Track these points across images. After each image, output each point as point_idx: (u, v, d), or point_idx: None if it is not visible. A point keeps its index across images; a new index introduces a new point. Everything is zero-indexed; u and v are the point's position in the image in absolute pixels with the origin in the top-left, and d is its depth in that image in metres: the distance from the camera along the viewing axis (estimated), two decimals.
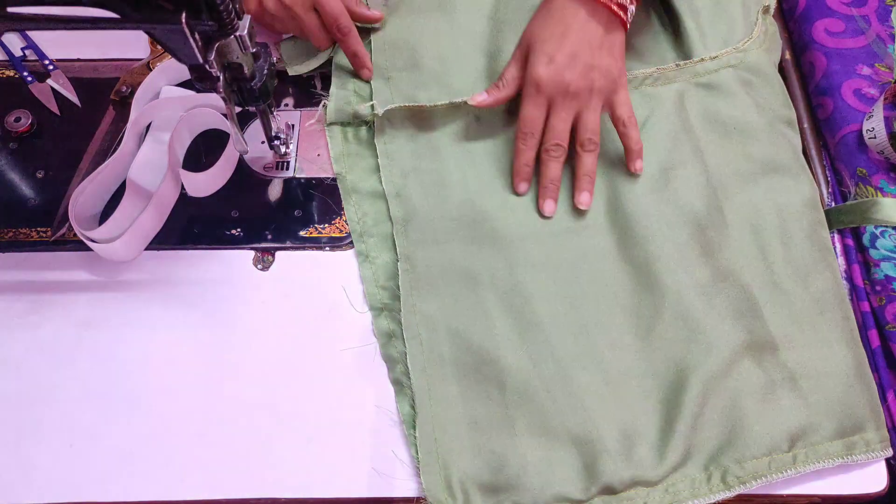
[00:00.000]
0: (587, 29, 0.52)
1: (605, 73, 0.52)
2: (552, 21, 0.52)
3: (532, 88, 0.52)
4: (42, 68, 0.62)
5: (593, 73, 0.52)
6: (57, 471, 0.48)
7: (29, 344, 0.52)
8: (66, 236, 0.55)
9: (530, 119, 0.53)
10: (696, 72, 0.59)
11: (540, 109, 0.53)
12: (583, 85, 0.52)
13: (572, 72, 0.51)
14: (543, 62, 0.51)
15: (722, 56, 0.59)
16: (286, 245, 0.56)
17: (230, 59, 0.44)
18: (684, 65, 0.59)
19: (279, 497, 0.48)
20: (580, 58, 0.51)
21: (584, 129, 0.53)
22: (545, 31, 0.52)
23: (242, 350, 0.52)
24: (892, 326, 0.51)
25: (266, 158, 0.59)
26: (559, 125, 0.52)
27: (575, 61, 0.51)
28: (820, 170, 0.60)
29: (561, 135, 0.53)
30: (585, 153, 0.53)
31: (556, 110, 0.52)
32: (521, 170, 0.54)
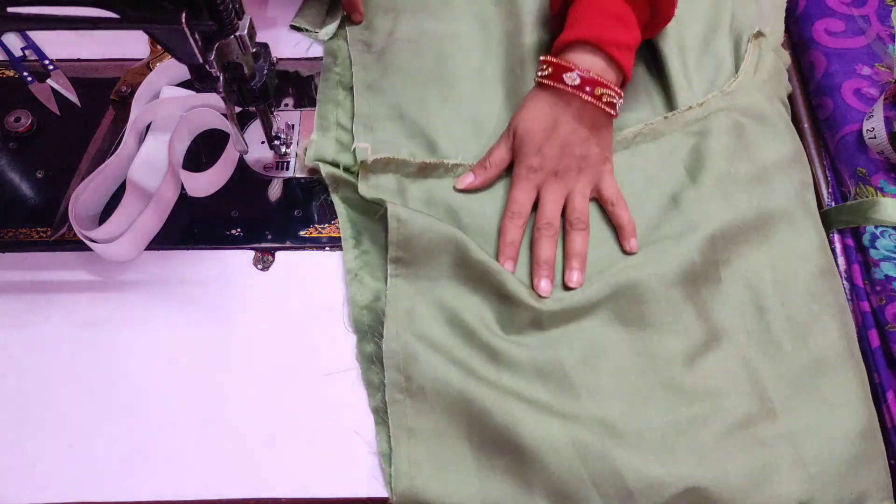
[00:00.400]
0: (575, 123, 0.52)
1: (594, 162, 0.54)
2: (541, 114, 0.53)
3: (523, 173, 0.53)
4: (42, 68, 0.62)
5: (581, 162, 0.53)
6: (57, 471, 0.48)
7: (29, 344, 0.52)
8: (66, 236, 0.55)
9: (520, 201, 0.53)
10: (685, 121, 0.57)
11: (529, 194, 0.53)
12: (572, 172, 0.53)
13: (561, 161, 0.53)
14: (533, 153, 0.53)
15: (709, 101, 0.57)
16: (286, 245, 0.56)
17: (230, 59, 0.44)
18: (672, 115, 0.57)
19: (279, 497, 0.48)
20: (569, 149, 0.53)
21: (573, 209, 0.53)
22: (534, 123, 0.53)
23: (242, 350, 0.52)
24: (892, 326, 0.51)
25: (266, 158, 0.59)
26: (550, 206, 0.53)
27: (564, 152, 0.53)
28: (820, 170, 0.60)
29: (551, 215, 0.53)
30: (575, 232, 0.53)
31: (546, 192, 0.53)
32: (506, 248, 0.52)
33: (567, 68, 0.51)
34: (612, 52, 0.51)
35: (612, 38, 0.51)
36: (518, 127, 0.54)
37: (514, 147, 0.54)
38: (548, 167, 0.53)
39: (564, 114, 0.52)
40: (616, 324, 0.51)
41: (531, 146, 0.53)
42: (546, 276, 0.51)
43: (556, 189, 0.53)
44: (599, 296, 0.51)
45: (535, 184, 0.53)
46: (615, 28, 0.51)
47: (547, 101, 0.53)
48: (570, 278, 0.52)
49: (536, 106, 0.53)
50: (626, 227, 0.53)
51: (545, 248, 0.52)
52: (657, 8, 0.53)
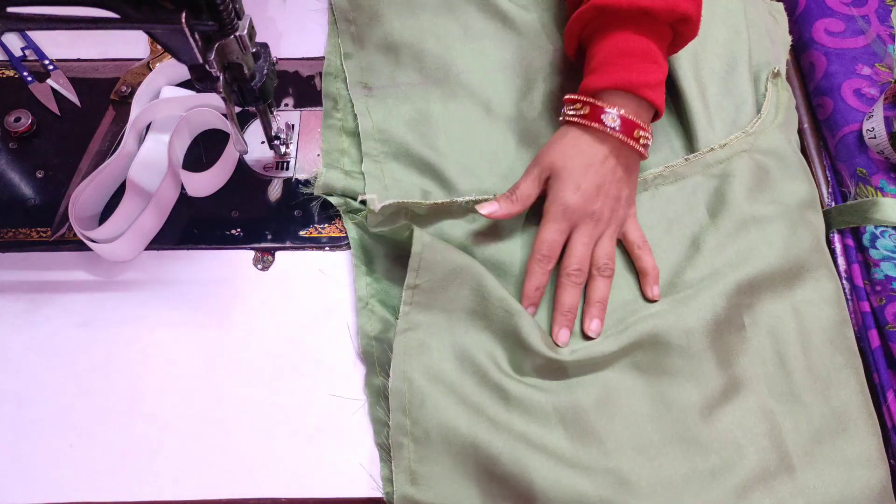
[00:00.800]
0: (609, 163, 0.51)
1: (625, 203, 0.52)
2: (574, 152, 0.51)
3: (558, 212, 0.50)
4: (42, 68, 0.62)
5: (615, 203, 0.52)
6: (57, 471, 0.48)
7: (29, 344, 0.52)
8: (66, 236, 0.55)
9: (550, 242, 0.50)
10: (706, 163, 0.56)
11: (562, 235, 0.51)
12: (606, 213, 0.51)
13: (598, 201, 0.51)
14: (571, 189, 0.50)
15: (732, 143, 0.56)
16: (286, 245, 0.56)
17: (230, 59, 0.44)
18: (693, 157, 0.56)
19: (279, 497, 0.48)
20: (605, 189, 0.51)
21: (603, 253, 0.51)
22: (568, 160, 0.51)
23: (242, 350, 0.52)
24: (892, 326, 0.51)
25: (266, 158, 0.59)
26: (581, 249, 0.51)
27: (600, 192, 0.51)
28: (820, 170, 0.60)
29: (582, 259, 0.51)
30: (601, 277, 0.51)
31: (579, 235, 0.51)
32: (532, 294, 0.51)
33: (603, 110, 0.50)
34: (646, 94, 0.49)
35: (644, 79, 0.49)
36: (554, 162, 0.51)
37: (546, 183, 0.52)
38: (585, 207, 0.50)
39: (601, 153, 0.50)
40: (633, 371, 0.50)
41: (568, 183, 0.50)
42: (567, 325, 0.50)
43: (589, 232, 0.51)
44: (617, 347, 0.49)
45: (569, 224, 0.51)
46: (644, 68, 0.50)
47: (583, 140, 0.51)
48: (589, 327, 0.50)
49: (573, 143, 0.51)
50: (650, 273, 0.52)
51: (570, 296, 0.50)
52: (683, 32, 0.51)
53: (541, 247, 0.51)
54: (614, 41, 0.50)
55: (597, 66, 0.51)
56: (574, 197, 0.50)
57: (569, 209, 0.50)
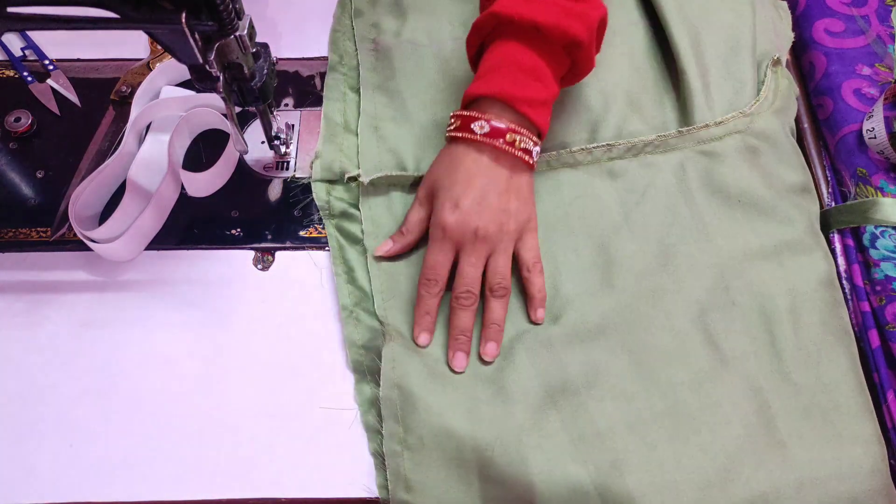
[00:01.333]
0: (492, 174, 0.49)
1: (515, 216, 0.49)
2: (454, 166, 0.49)
3: (438, 233, 0.49)
4: (42, 68, 0.62)
5: (502, 217, 0.49)
6: (57, 471, 0.48)
7: (29, 344, 0.52)
8: (66, 236, 0.55)
9: (435, 265, 0.49)
10: (699, 138, 0.56)
11: (447, 255, 0.49)
12: (492, 229, 0.48)
13: (480, 216, 0.48)
14: (448, 208, 0.48)
15: (728, 121, 0.56)
16: (286, 245, 0.56)
17: (230, 59, 0.44)
18: (687, 131, 0.56)
19: (279, 497, 0.48)
20: (488, 202, 0.48)
21: (495, 273, 0.49)
22: (448, 176, 0.49)
23: (242, 350, 0.52)
24: (892, 326, 0.51)
25: (266, 158, 0.59)
26: (469, 270, 0.49)
27: (482, 205, 0.48)
28: (820, 170, 0.60)
29: (471, 281, 0.49)
30: (495, 299, 0.49)
31: (465, 255, 0.49)
32: (422, 319, 0.49)
33: (474, 118, 0.48)
34: (524, 110, 0.47)
35: (524, 94, 0.47)
36: (434, 181, 0.50)
37: (430, 201, 0.51)
38: (466, 224, 0.48)
39: (478, 164, 0.49)
40: (621, 350, 0.50)
41: (447, 201, 0.48)
42: (461, 349, 0.49)
43: (476, 251, 0.49)
44: (601, 319, 0.50)
45: (452, 244, 0.49)
46: (527, 83, 0.48)
47: (459, 154, 0.49)
48: (485, 350, 0.49)
49: (448, 160, 0.50)
50: (536, 297, 0.50)
51: (463, 319, 0.49)
52: (577, 60, 0.49)
53: (426, 271, 0.49)
54: (503, 50, 0.48)
55: (481, 74, 0.49)
56: (452, 215, 0.48)
57: (448, 228, 0.48)
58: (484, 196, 0.48)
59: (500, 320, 0.50)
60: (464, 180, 0.49)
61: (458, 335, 0.49)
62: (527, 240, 0.51)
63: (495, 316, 0.50)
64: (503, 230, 0.49)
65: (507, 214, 0.49)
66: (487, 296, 0.50)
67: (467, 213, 0.48)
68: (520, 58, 0.48)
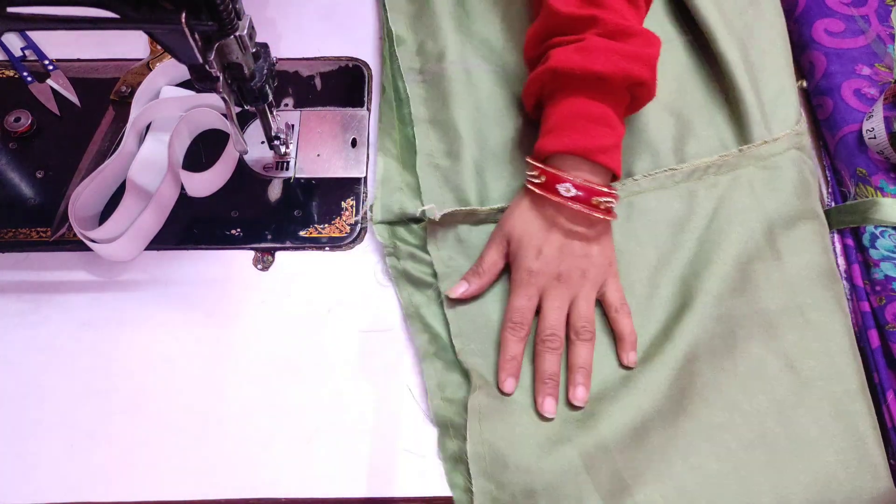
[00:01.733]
0: (572, 225, 0.50)
1: (597, 261, 0.50)
2: (532, 216, 0.51)
3: (524, 278, 0.50)
4: (42, 68, 0.62)
5: (584, 262, 0.50)
6: (57, 471, 0.48)
7: (29, 344, 0.52)
8: (66, 236, 0.55)
9: (520, 309, 0.50)
10: (759, 155, 0.56)
11: (532, 301, 0.50)
12: (575, 274, 0.50)
13: (563, 262, 0.50)
14: (532, 255, 0.50)
15: (783, 138, 0.56)
16: (286, 245, 0.56)
17: (230, 59, 0.44)
18: (747, 149, 0.56)
19: (279, 497, 0.48)
20: (569, 249, 0.50)
21: (578, 316, 0.50)
22: (528, 225, 0.50)
23: (242, 350, 0.52)
24: (892, 326, 0.51)
25: (266, 158, 0.59)
26: (553, 314, 0.49)
27: (564, 253, 0.50)
28: (820, 170, 0.60)
29: (556, 324, 0.49)
30: (581, 342, 0.49)
31: (548, 299, 0.50)
32: (508, 364, 0.49)
33: (560, 178, 0.49)
34: (599, 159, 0.48)
35: (597, 143, 0.48)
36: (513, 230, 0.51)
37: (509, 252, 0.52)
38: (550, 270, 0.50)
39: (560, 216, 0.50)
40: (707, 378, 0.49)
41: (530, 248, 0.50)
42: (550, 394, 0.48)
43: (560, 295, 0.50)
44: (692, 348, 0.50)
45: (537, 289, 0.50)
46: (598, 132, 0.49)
47: (540, 205, 0.51)
48: (575, 395, 0.48)
49: (530, 209, 0.51)
50: (626, 339, 0.50)
51: (548, 363, 0.49)
52: (639, 96, 0.51)
53: (511, 315, 0.50)
54: (568, 105, 0.49)
55: (550, 129, 0.50)
56: (536, 262, 0.50)
57: (533, 273, 0.50)
58: (567, 244, 0.50)
59: (587, 364, 0.49)
60: (544, 229, 0.50)
61: (547, 379, 0.48)
62: (610, 283, 0.51)
63: (582, 360, 0.49)
64: (585, 276, 0.50)
65: (589, 260, 0.50)
66: (573, 339, 0.50)
67: (551, 259, 0.50)
68: (586, 109, 0.49)
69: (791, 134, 0.57)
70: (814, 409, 0.48)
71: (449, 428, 0.49)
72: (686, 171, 0.56)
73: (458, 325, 0.51)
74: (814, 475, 0.46)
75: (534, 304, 0.50)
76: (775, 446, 0.47)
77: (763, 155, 0.56)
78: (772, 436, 0.48)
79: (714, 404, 0.48)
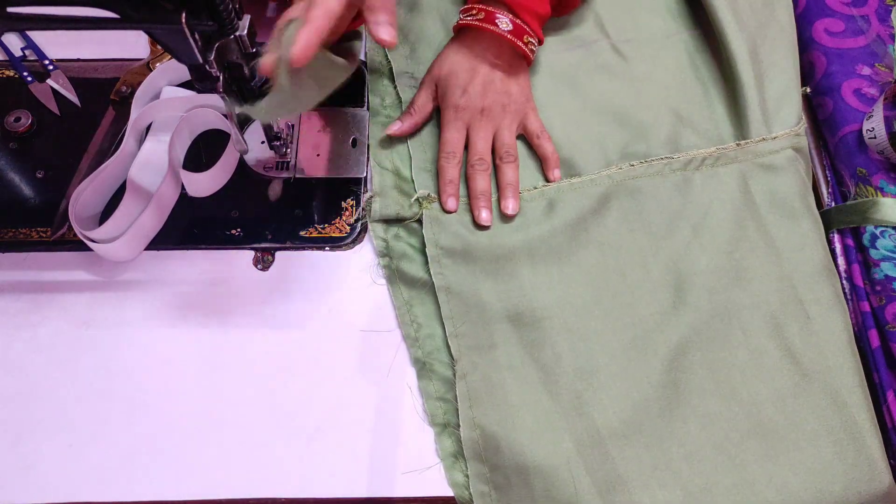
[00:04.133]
0: (495, 64, 0.55)
1: (516, 98, 0.56)
2: (459, 58, 0.56)
3: (451, 115, 0.55)
4: (42, 68, 0.62)
5: (504, 98, 0.56)
6: (57, 471, 0.48)
7: (29, 344, 0.52)
8: (66, 236, 0.55)
9: (451, 140, 0.55)
10: (757, 152, 0.57)
11: (460, 132, 0.56)
12: (497, 107, 0.56)
13: (486, 98, 0.55)
14: (458, 94, 0.55)
15: (782, 137, 0.57)
16: (286, 245, 0.56)
17: (230, 59, 0.44)
18: (745, 144, 0.57)
19: (279, 497, 0.48)
20: (492, 87, 0.55)
21: (502, 144, 0.56)
22: (455, 66, 0.56)
23: (242, 350, 0.52)
24: (892, 326, 0.51)
25: (266, 158, 0.59)
26: (479, 143, 0.55)
27: (487, 89, 0.55)
28: (820, 170, 0.60)
29: (482, 151, 0.55)
30: (505, 164, 0.55)
31: (475, 131, 0.56)
32: (447, 187, 0.55)
33: (496, 14, 0.53)
34: (526, 18, 0.54)
35: (527, 4, 0.54)
36: (441, 72, 0.56)
37: (437, 95, 0.57)
38: (474, 105, 0.55)
39: (484, 57, 0.55)
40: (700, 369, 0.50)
41: (455, 87, 0.55)
42: (485, 206, 0.54)
43: (484, 126, 0.56)
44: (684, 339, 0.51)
45: (463, 122, 0.56)
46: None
47: (467, 46, 0.56)
48: (507, 206, 0.54)
49: (458, 52, 0.56)
50: (550, 158, 0.56)
51: (480, 182, 0.55)
52: None
53: (444, 146, 0.55)
54: None
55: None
56: (462, 100, 0.55)
57: (459, 108, 0.55)
58: (488, 81, 0.55)
59: (514, 181, 0.55)
60: (469, 69, 0.56)
61: (479, 195, 0.54)
62: (529, 115, 0.57)
63: (509, 178, 0.55)
64: (507, 109, 0.56)
65: (509, 96, 0.56)
66: (499, 164, 0.56)
67: (475, 96, 0.55)
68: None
69: (790, 134, 0.57)
70: (813, 400, 0.49)
71: (445, 426, 0.49)
72: (683, 161, 0.56)
73: (450, 308, 0.52)
74: (810, 466, 0.47)
75: (463, 135, 0.56)
76: (773, 436, 0.48)
77: (761, 152, 0.57)
78: (770, 425, 0.48)
79: (710, 394, 0.49)
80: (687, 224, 0.54)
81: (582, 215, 0.54)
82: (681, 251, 0.54)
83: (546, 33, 0.61)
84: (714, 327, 0.51)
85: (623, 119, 0.58)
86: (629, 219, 0.55)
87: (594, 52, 0.61)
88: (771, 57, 0.60)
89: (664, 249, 0.54)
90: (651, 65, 0.61)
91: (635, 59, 0.61)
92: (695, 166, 0.57)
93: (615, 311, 0.52)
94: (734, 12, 0.59)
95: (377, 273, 0.55)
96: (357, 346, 0.52)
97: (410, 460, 0.49)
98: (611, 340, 0.51)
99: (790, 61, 0.60)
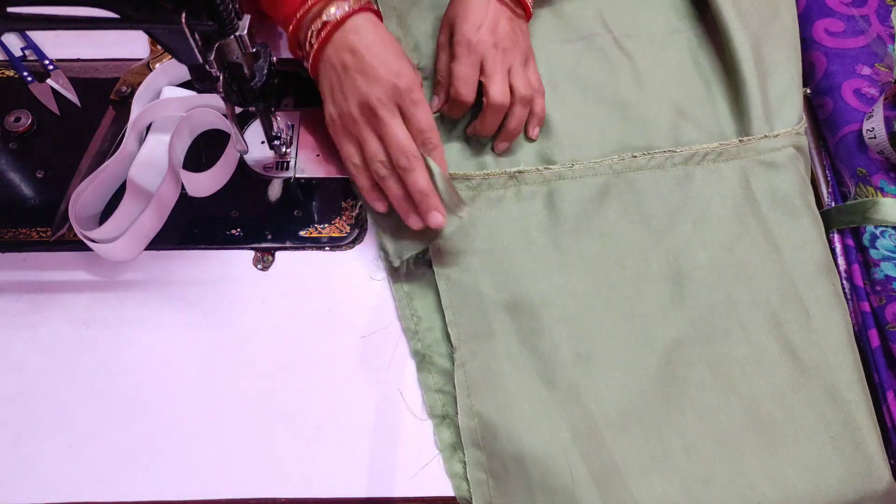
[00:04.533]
0: (500, 13, 0.55)
1: (523, 41, 0.57)
2: (468, 8, 0.55)
3: (464, 49, 0.54)
4: (42, 68, 0.62)
5: (514, 36, 0.55)
6: (57, 471, 0.48)
7: (29, 344, 0.52)
8: (66, 236, 0.55)
9: (464, 76, 0.54)
10: (758, 149, 0.57)
11: (474, 68, 0.54)
12: (508, 42, 0.55)
13: (497, 34, 0.54)
14: (472, 30, 0.54)
15: (783, 135, 0.57)
16: (286, 245, 0.56)
17: (230, 59, 0.44)
18: (747, 141, 0.57)
19: (279, 497, 0.48)
20: (501, 26, 0.55)
21: (519, 84, 0.55)
22: (465, 13, 0.55)
23: (242, 350, 0.52)
24: (892, 326, 0.51)
25: (266, 158, 0.59)
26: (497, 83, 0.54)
27: (497, 28, 0.54)
28: (820, 170, 0.60)
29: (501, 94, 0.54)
30: (520, 105, 0.55)
31: (490, 65, 0.54)
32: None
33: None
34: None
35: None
36: (450, 19, 0.56)
37: (450, 39, 0.56)
38: (487, 40, 0.54)
39: (489, 7, 0.55)
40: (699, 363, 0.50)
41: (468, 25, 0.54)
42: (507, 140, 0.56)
43: (499, 62, 0.55)
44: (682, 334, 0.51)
45: (477, 56, 0.54)
46: None
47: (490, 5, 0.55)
48: (533, 132, 0.57)
49: (463, 4, 0.55)
50: (535, 115, 0.56)
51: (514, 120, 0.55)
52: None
53: (457, 82, 0.54)
54: None
55: None
56: (476, 34, 0.54)
57: (472, 42, 0.54)
58: (496, 23, 0.55)
59: (519, 125, 0.56)
60: (480, 14, 0.55)
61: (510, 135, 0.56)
62: (531, 65, 0.57)
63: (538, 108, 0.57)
64: (517, 46, 0.56)
65: (516, 35, 0.56)
66: (520, 104, 0.55)
67: (486, 32, 0.54)
68: None
69: (791, 133, 0.57)
70: (811, 396, 0.49)
71: (444, 418, 0.50)
72: (685, 155, 0.56)
73: (450, 297, 0.52)
74: (808, 460, 0.47)
75: (476, 72, 0.55)
76: (771, 430, 0.48)
77: (762, 149, 0.57)
78: (769, 419, 0.48)
79: (709, 387, 0.49)
80: (687, 218, 0.54)
81: (582, 206, 0.54)
82: (681, 245, 0.54)
83: (546, 26, 0.62)
84: (713, 322, 0.51)
85: (624, 111, 0.58)
86: (630, 211, 0.55)
87: (595, 45, 0.61)
88: (774, 55, 0.60)
89: (664, 243, 0.54)
90: (653, 60, 0.61)
91: (637, 53, 0.61)
92: (696, 161, 0.57)
93: (614, 302, 0.52)
94: (738, 10, 0.59)
95: (377, 267, 0.55)
96: (357, 345, 0.52)
97: (410, 460, 0.49)
98: (609, 331, 0.51)
99: (793, 60, 0.60)
